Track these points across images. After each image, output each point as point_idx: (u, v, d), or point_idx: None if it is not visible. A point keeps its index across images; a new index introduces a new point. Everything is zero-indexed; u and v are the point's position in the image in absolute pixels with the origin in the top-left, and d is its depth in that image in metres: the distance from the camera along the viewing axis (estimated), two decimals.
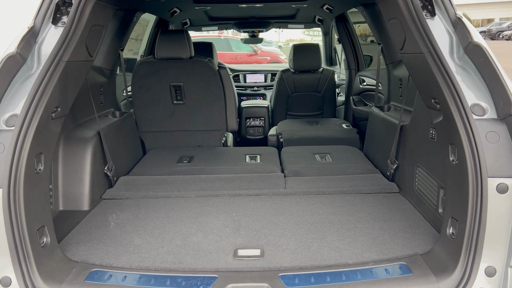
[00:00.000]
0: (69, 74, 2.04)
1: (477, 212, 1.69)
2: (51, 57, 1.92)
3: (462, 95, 1.78)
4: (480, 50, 1.81)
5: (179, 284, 1.75)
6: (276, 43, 22.81)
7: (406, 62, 2.26)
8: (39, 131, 1.83)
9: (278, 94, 5.06)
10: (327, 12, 4.65)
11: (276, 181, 2.82)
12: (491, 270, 1.70)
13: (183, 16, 4.99)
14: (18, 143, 1.75)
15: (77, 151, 2.57)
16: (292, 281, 1.75)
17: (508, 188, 1.67)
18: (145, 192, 2.72)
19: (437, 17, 2.01)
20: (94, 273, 1.84)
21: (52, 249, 1.89)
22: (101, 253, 2.00)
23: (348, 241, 2.06)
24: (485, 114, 1.77)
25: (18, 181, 1.73)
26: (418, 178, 2.47)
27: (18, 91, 1.86)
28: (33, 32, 1.98)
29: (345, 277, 1.77)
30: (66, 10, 2.04)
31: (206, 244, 2.06)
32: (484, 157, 1.69)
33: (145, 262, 1.92)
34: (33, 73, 1.91)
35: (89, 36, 2.17)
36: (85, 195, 2.54)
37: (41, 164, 1.90)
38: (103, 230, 2.24)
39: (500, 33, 44.31)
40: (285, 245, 2.04)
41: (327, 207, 2.47)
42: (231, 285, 1.73)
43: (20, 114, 1.78)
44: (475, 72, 1.86)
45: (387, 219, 2.30)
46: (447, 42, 1.94)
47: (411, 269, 1.82)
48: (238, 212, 2.43)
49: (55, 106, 1.97)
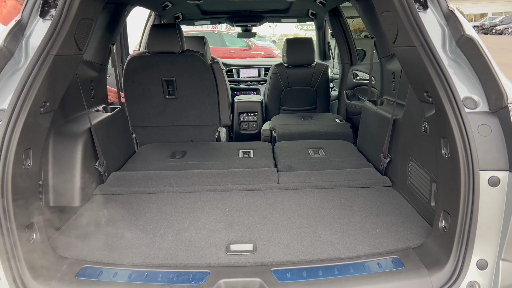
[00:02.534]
0: (57, 68, 2.01)
1: (469, 205, 1.69)
2: (39, 50, 1.89)
3: (454, 88, 1.78)
4: (472, 43, 1.80)
5: (170, 279, 1.74)
6: (270, 37, 22.76)
7: (398, 56, 2.25)
8: (27, 126, 1.80)
9: (271, 89, 5.04)
10: (321, 6, 4.63)
11: (269, 176, 2.81)
12: (483, 263, 1.70)
13: (175, 10, 4.95)
14: (6, 138, 1.72)
15: (67, 146, 2.54)
16: (284, 275, 1.75)
17: (500, 181, 1.67)
18: (137, 187, 2.70)
19: (430, 10, 1.99)
20: (85, 270, 1.82)
21: (41, 246, 1.87)
22: (92, 249, 1.98)
23: (340, 235, 2.06)
24: (477, 107, 1.77)
25: (6, 177, 1.70)
26: (411, 172, 2.47)
27: (5, 86, 1.82)
28: (21, 25, 1.94)
29: (338, 271, 1.77)
30: (54, 3, 2.00)
31: (198, 240, 2.05)
32: (476, 150, 1.68)
33: (137, 258, 1.90)
34: (21, 67, 1.87)
35: (78, 30, 2.14)
36: (76, 191, 2.51)
37: (30, 160, 1.88)
38: (94, 226, 2.22)
39: (493, 28, 44.49)
40: (277, 239, 2.03)
41: (320, 202, 2.46)
42: (223, 280, 1.72)
43: (7, 109, 1.75)
44: (467, 65, 1.85)
45: (380, 213, 2.30)
46: (440, 35, 1.93)
47: (404, 262, 1.82)
48: (231, 207, 2.42)
49: (43, 101, 1.94)
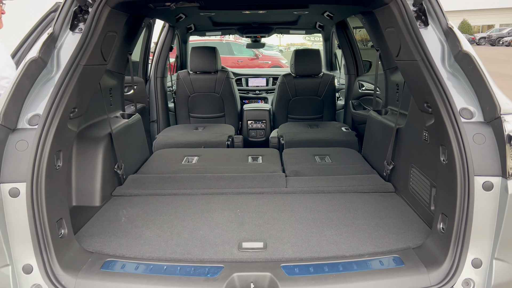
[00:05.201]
0: (85, 77, 2.18)
1: (465, 208, 1.82)
2: (70, 61, 2.06)
3: (451, 100, 1.92)
4: (469, 58, 1.95)
5: (188, 272, 1.89)
6: (277, 47, 22.98)
7: (401, 69, 2.40)
8: (59, 130, 1.97)
9: (279, 98, 5.20)
10: (328, 19, 4.80)
11: (278, 180, 2.96)
12: (478, 262, 1.83)
13: (188, 21, 5.15)
14: (41, 141, 1.89)
15: (89, 149, 2.71)
16: (292, 270, 1.89)
17: (493, 186, 1.80)
18: (153, 189, 2.86)
19: (430, 26, 2.15)
20: (108, 263, 1.98)
21: (69, 240, 2.03)
22: (114, 244, 2.14)
23: (345, 236, 2.20)
24: (473, 118, 1.91)
25: (40, 176, 1.87)
26: (413, 178, 2.61)
27: (39, 93, 2.00)
28: (53, 37, 2.13)
29: (342, 268, 1.91)
30: (83, 17, 2.19)
31: (212, 237, 2.20)
32: (471, 157, 1.82)
33: (156, 253, 2.05)
34: (53, 76, 2.05)
35: (104, 42, 2.32)
36: (96, 191, 2.67)
37: (60, 161, 2.04)
38: (114, 224, 2.38)
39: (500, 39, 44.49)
40: (286, 238, 2.17)
41: (326, 205, 2.60)
42: (237, 274, 1.86)
43: (42, 114, 1.92)
44: (464, 78, 2.00)
45: (383, 216, 2.44)
46: (439, 50, 2.08)
47: (404, 261, 1.96)
48: (242, 208, 2.56)
49: (73, 107, 2.11)
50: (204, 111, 5.20)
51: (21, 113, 1.93)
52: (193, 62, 5.02)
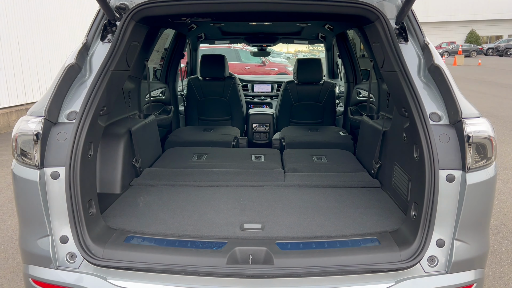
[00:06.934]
0: (113, 81, 2.56)
1: (431, 197, 2.15)
2: (101, 67, 2.44)
3: (422, 105, 2.27)
4: (439, 71, 2.30)
5: (197, 246, 2.24)
6: (284, 54, 23.37)
7: (385, 78, 2.76)
8: (91, 124, 2.35)
9: (282, 103, 5.57)
10: (328, 30, 5.17)
11: (277, 176, 3.32)
12: (441, 242, 2.15)
13: (199, 31, 5.56)
14: (77, 133, 2.26)
15: (112, 144, 3.09)
16: (285, 246, 2.24)
17: (455, 178, 2.13)
18: (166, 181, 3.23)
19: (410, 42, 2.50)
20: (130, 237, 2.34)
21: (97, 218, 2.39)
22: (134, 223, 2.51)
23: (332, 221, 2.55)
24: (441, 121, 2.25)
25: (76, 162, 2.23)
26: (395, 175, 2.95)
27: (75, 93, 2.38)
28: (86, 46, 2.51)
29: (327, 245, 2.26)
30: (111, 30, 2.57)
31: (218, 220, 2.55)
32: (437, 153, 2.16)
33: (170, 230, 2.41)
34: (86, 79, 2.43)
35: (129, 51, 2.70)
36: (117, 181, 3.05)
37: (91, 151, 2.42)
38: (133, 208, 2.75)
39: (508, 50, 44.58)
40: (281, 222, 2.53)
41: (319, 197, 2.95)
42: (238, 247, 2.20)
43: (79, 111, 2.30)
44: (435, 87, 2.34)
45: (367, 207, 2.78)
46: (416, 63, 2.43)
47: (380, 241, 2.29)
48: (244, 198, 2.92)
49: (102, 106, 2.49)
50: (212, 114, 5.60)
51: (61, 109, 2.31)
52: (203, 69, 5.44)
